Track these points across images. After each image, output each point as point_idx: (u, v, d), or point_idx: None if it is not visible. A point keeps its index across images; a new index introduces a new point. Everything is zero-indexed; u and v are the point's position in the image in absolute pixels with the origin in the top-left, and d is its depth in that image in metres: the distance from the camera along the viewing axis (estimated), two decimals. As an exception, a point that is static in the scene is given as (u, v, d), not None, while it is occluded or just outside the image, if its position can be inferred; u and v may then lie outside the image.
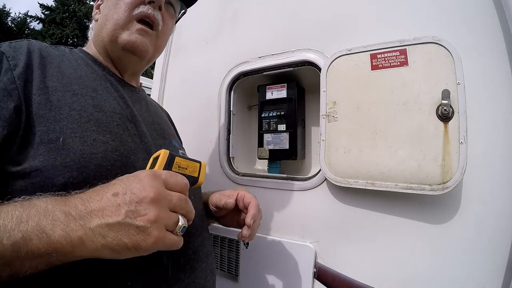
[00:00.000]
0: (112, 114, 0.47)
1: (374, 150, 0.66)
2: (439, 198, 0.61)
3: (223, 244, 0.92)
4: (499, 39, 0.59)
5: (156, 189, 0.34)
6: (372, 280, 0.68)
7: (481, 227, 0.59)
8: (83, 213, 0.32)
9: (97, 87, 0.50)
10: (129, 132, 0.49)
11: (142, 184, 0.34)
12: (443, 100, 0.59)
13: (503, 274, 0.56)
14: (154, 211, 0.33)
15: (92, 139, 0.42)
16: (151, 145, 0.52)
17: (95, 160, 0.41)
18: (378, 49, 0.67)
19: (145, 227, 0.32)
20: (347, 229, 0.72)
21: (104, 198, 0.33)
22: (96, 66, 0.54)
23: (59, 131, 0.40)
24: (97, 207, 0.33)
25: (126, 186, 0.34)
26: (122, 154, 0.45)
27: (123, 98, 0.53)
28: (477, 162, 0.59)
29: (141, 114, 0.56)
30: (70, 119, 0.42)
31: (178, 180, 0.38)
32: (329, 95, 0.73)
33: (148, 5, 0.54)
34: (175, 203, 0.36)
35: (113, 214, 0.32)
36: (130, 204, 0.33)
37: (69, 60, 0.50)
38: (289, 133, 0.88)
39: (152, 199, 0.34)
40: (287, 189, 0.82)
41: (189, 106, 1.07)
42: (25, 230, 0.30)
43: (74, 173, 0.38)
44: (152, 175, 0.36)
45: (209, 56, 1.03)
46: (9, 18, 14.76)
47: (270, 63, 0.87)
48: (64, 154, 0.39)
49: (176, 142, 0.65)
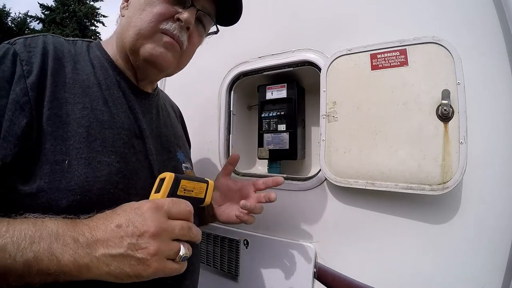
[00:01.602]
0: (119, 131, 0.47)
1: (374, 150, 0.66)
2: (439, 198, 0.61)
3: (223, 244, 0.92)
4: (499, 39, 0.59)
5: (157, 223, 0.36)
6: (372, 280, 0.68)
7: (481, 227, 0.59)
8: (90, 241, 0.34)
9: (108, 97, 0.49)
10: (134, 149, 0.49)
11: (144, 217, 0.36)
12: (443, 100, 0.59)
13: (503, 274, 0.56)
14: (154, 244, 0.35)
15: (97, 161, 0.43)
16: (155, 162, 0.52)
17: (99, 183, 0.42)
18: (378, 49, 0.67)
19: (145, 259, 0.35)
20: (347, 229, 0.72)
21: (108, 228, 0.36)
22: (112, 69, 0.52)
23: (65, 152, 0.40)
24: (102, 237, 0.35)
25: (129, 219, 0.36)
26: (125, 176, 0.46)
27: (133, 110, 0.52)
28: (477, 162, 0.59)
29: (150, 127, 0.55)
30: (77, 138, 0.42)
31: (181, 208, 0.40)
32: (329, 95, 0.73)
33: (176, 22, 0.50)
34: (177, 233, 0.38)
35: (116, 246, 0.35)
36: (132, 237, 0.35)
37: (85, 62, 0.49)
38: (289, 133, 0.88)
39: (153, 233, 0.36)
40: (287, 189, 0.82)
41: (189, 106, 1.07)
42: (37, 251, 0.32)
43: (77, 197, 0.40)
44: (155, 207, 0.38)
45: (209, 56, 1.03)
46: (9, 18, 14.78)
47: (270, 63, 0.87)
48: (68, 178, 0.40)
49: (182, 153, 0.64)
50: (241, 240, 0.88)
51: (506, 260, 0.56)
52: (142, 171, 0.49)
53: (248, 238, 0.87)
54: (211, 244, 0.95)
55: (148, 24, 0.49)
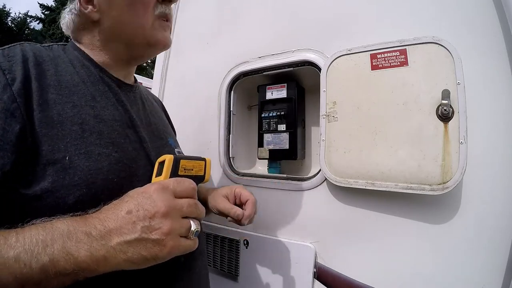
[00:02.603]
0: (112, 123, 0.48)
1: (374, 150, 0.66)
2: (439, 198, 0.61)
3: (223, 244, 0.92)
4: (499, 39, 0.59)
5: (166, 202, 0.37)
6: (372, 280, 0.68)
7: (481, 227, 0.59)
8: (103, 232, 0.35)
9: (95, 93, 0.49)
10: (129, 139, 0.50)
11: (153, 199, 0.37)
12: (443, 100, 0.59)
13: (503, 274, 0.56)
14: (167, 223, 0.36)
15: (97, 154, 0.43)
16: (150, 150, 0.53)
17: (102, 174, 0.42)
18: (378, 49, 0.67)
19: (161, 239, 0.35)
20: (347, 229, 0.72)
21: (119, 216, 0.36)
22: (93, 67, 0.53)
23: (64, 149, 0.40)
24: (114, 226, 0.35)
25: (138, 203, 0.37)
26: (125, 164, 0.46)
27: (121, 102, 0.53)
28: (477, 162, 0.59)
29: (139, 117, 0.56)
30: (73, 135, 0.42)
31: (186, 186, 0.41)
32: (329, 95, 0.73)
33: (162, 3, 0.54)
34: (186, 210, 0.39)
35: (130, 232, 0.35)
36: (144, 220, 0.35)
37: (65, 63, 0.49)
38: (289, 133, 0.88)
39: (164, 213, 0.36)
40: (287, 189, 0.82)
41: (189, 106, 1.07)
42: (51, 253, 0.32)
43: (83, 191, 0.40)
44: (161, 188, 0.38)
45: (209, 56, 1.03)
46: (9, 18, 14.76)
47: (270, 63, 0.87)
48: (71, 173, 0.40)
49: (172, 139, 0.66)
50: (241, 240, 0.88)
51: (506, 260, 0.56)
52: (140, 158, 0.50)
53: (248, 238, 0.87)
54: (211, 244, 0.95)
55: (147, 16, 0.52)
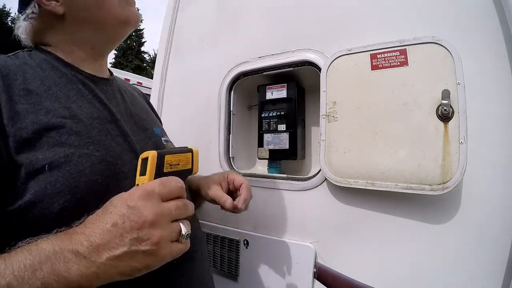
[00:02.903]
0: (90, 121, 0.46)
1: (374, 150, 0.66)
2: (439, 198, 0.61)
3: (223, 244, 0.92)
4: (499, 39, 0.59)
5: (152, 210, 0.35)
6: (372, 280, 0.68)
7: (481, 227, 0.59)
8: (90, 249, 0.33)
9: (69, 93, 0.47)
10: (111, 135, 0.48)
11: (138, 208, 0.35)
12: (443, 100, 0.59)
13: (503, 274, 0.56)
14: (156, 233, 0.35)
15: (77, 156, 0.41)
16: (135, 143, 0.51)
17: (84, 176, 0.41)
18: (378, 49, 0.67)
19: (151, 250, 0.34)
20: (347, 229, 0.72)
21: (105, 230, 0.34)
22: (63, 67, 0.50)
23: (42, 158, 0.39)
24: (101, 241, 0.34)
25: (123, 214, 0.35)
26: (109, 162, 0.45)
27: (98, 98, 0.51)
28: (477, 162, 0.59)
29: (119, 110, 0.54)
30: (50, 142, 0.40)
31: (172, 187, 0.38)
32: (329, 95, 0.73)
33: None
34: (174, 214, 0.37)
35: (118, 246, 0.33)
36: (131, 232, 0.34)
37: (33, 69, 0.47)
38: (289, 133, 0.88)
39: (152, 222, 0.35)
40: (287, 189, 0.82)
41: (189, 106, 1.07)
42: (42, 277, 0.31)
43: (67, 197, 0.39)
44: (145, 194, 0.36)
45: (209, 56, 1.03)
46: (9, 18, 14.76)
47: (270, 63, 0.87)
48: (53, 181, 0.38)
49: (158, 128, 0.64)
50: (241, 240, 0.88)
51: (506, 260, 0.56)
52: (125, 154, 0.48)
53: (248, 238, 0.87)
54: (211, 244, 0.95)
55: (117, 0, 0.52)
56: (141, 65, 23.81)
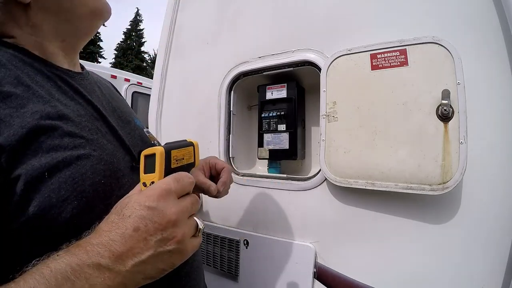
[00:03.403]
0: (79, 120, 0.43)
1: (374, 150, 0.66)
2: (439, 198, 0.61)
3: (223, 244, 0.92)
4: (499, 39, 0.59)
5: (174, 209, 0.35)
6: (372, 280, 0.68)
7: (481, 227, 0.59)
8: (112, 259, 0.31)
9: (51, 90, 0.43)
10: (101, 132, 0.46)
11: (160, 209, 0.34)
12: (443, 100, 0.59)
13: (503, 274, 0.56)
14: (179, 231, 0.35)
15: (75, 158, 0.39)
16: (124, 137, 0.50)
17: (88, 179, 0.39)
18: (378, 49, 0.67)
19: (176, 248, 0.34)
20: (347, 229, 0.72)
21: (126, 236, 0.32)
22: (36, 62, 0.46)
23: (39, 165, 0.35)
24: (124, 248, 0.32)
25: (144, 217, 0.33)
26: (107, 161, 0.43)
27: (80, 94, 0.48)
28: (477, 162, 0.59)
29: (102, 105, 0.51)
30: (44, 147, 0.37)
31: (185, 183, 0.38)
32: (329, 95, 0.73)
33: None
34: (191, 210, 0.38)
35: (143, 250, 0.32)
36: (156, 234, 0.33)
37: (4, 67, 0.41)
38: (289, 133, 0.88)
39: (175, 221, 0.34)
40: (287, 189, 0.82)
41: (189, 106, 1.07)
42: None
43: (75, 203, 0.37)
44: (165, 193, 0.35)
45: (209, 56, 1.03)
46: (9, 18, 14.71)
47: (270, 63, 0.87)
48: (56, 189, 0.36)
49: (137, 120, 0.62)
50: (241, 240, 0.88)
51: (506, 260, 0.56)
52: (118, 150, 0.47)
53: (248, 238, 0.87)
54: (211, 244, 0.95)
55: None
56: (141, 65, 23.82)
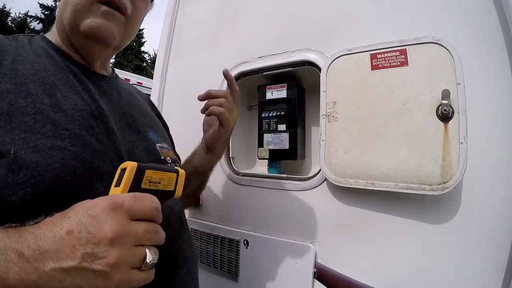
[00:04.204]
0: (73, 113, 0.42)
1: (374, 150, 0.66)
2: (439, 198, 0.61)
3: (223, 244, 0.92)
4: (499, 39, 0.59)
5: (116, 226, 0.30)
6: (372, 280, 0.68)
7: (481, 227, 0.59)
8: (36, 254, 0.29)
9: (57, 81, 0.44)
10: (93, 130, 0.44)
11: (99, 220, 0.30)
12: (443, 100, 0.59)
13: (503, 274, 0.56)
14: (114, 253, 0.30)
15: (48, 147, 0.37)
16: (120, 143, 0.47)
17: (51, 171, 0.36)
18: (378, 49, 0.67)
19: (105, 271, 0.29)
20: (347, 229, 0.72)
21: (57, 236, 0.29)
22: (58, 56, 0.48)
23: (10, 142, 0.35)
24: (50, 247, 0.29)
25: (81, 223, 0.30)
26: (85, 159, 0.40)
27: (88, 91, 0.47)
28: (477, 162, 0.59)
29: (111, 107, 0.50)
30: (23, 127, 0.36)
31: (145, 205, 0.33)
32: (329, 95, 0.73)
33: None
34: (141, 238, 0.32)
35: (68, 257, 0.29)
36: (86, 246, 0.29)
37: (27, 53, 0.45)
38: (289, 133, 0.88)
39: (112, 239, 0.30)
40: (287, 189, 0.82)
41: (189, 106, 1.07)
42: None
43: (28, 190, 0.34)
44: (112, 206, 0.31)
45: (209, 56, 1.03)
46: (9, 18, 14.76)
47: (270, 63, 0.87)
48: (16, 170, 0.34)
49: (155, 133, 0.59)
50: (241, 240, 0.88)
51: (506, 260, 0.56)
52: (106, 153, 0.44)
53: (248, 238, 0.87)
54: (211, 244, 0.95)
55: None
56: (141, 65, 23.78)
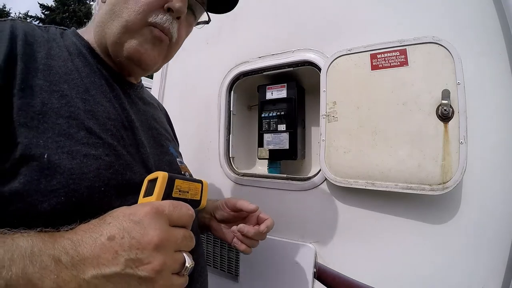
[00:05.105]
0: (106, 121, 0.42)
1: (374, 150, 0.66)
2: (439, 198, 0.61)
3: (223, 244, 0.92)
4: (499, 39, 0.59)
5: (160, 232, 0.30)
6: (372, 280, 0.68)
7: (481, 227, 0.59)
8: (75, 260, 0.28)
9: (90, 85, 0.43)
10: (124, 142, 0.43)
11: (143, 225, 0.30)
12: (443, 100, 0.59)
13: (503, 274, 0.56)
14: (159, 258, 0.30)
15: (83, 155, 0.36)
16: (149, 156, 0.47)
17: (86, 181, 0.35)
18: (378, 49, 0.67)
19: (149, 277, 0.29)
20: (347, 229, 0.72)
21: (98, 242, 0.29)
22: (91, 57, 0.46)
23: (43, 145, 0.33)
24: (90, 254, 0.28)
25: (123, 228, 0.30)
26: (117, 171, 0.40)
27: (119, 99, 0.47)
28: (477, 162, 0.59)
29: (139, 118, 0.50)
30: (57, 130, 0.35)
31: (183, 212, 0.34)
32: (329, 95, 0.73)
33: (167, 13, 0.45)
34: (181, 244, 0.33)
35: (110, 264, 0.28)
36: (130, 251, 0.29)
37: (59, 48, 0.42)
38: (289, 133, 0.88)
39: (157, 245, 0.30)
40: (287, 189, 0.82)
41: (189, 106, 1.07)
42: (8, 278, 0.25)
43: (61, 199, 0.33)
44: (155, 212, 0.31)
45: (209, 56, 1.03)
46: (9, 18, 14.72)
47: (270, 63, 0.87)
48: (49, 175, 0.33)
49: (173, 148, 0.59)
50: (241, 240, 0.88)
51: (506, 260, 0.56)
52: (136, 165, 0.43)
53: (248, 238, 0.87)
54: (211, 244, 0.95)
55: (136, 16, 0.44)
56: (141, 65, 23.73)
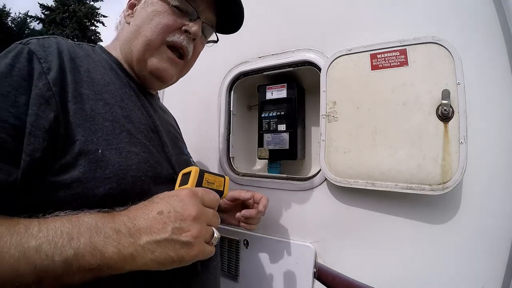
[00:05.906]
0: (139, 125, 0.49)
1: (374, 150, 0.66)
2: (439, 198, 0.61)
3: (223, 244, 0.92)
4: (499, 39, 0.59)
5: (197, 207, 0.39)
6: (372, 280, 0.68)
7: (481, 227, 0.59)
8: (132, 230, 0.35)
9: (123, 96, 0.50)
10: (153, 142, 0.51)
11: (185, 202, 0.38)
12: (443, 100, 0.59)
13: (503, 274, 0.56)
14: (196, 227, 0.38)
15: (127, 151, 0.44)
16: (172, 155, 0.55)
17: (131, 171, 0.43)
18: (378, 49, 0.67)
19: (189, 242, 0.37)
20: (347, 229, 0.72)
21: (150, 216, 0.37)
22: (120, 71, 0.54)
23: (96, 142, 0.41)
24: (144, 225, 0.36)
25: (170, 205, 0.38)
26: (152, 165, 0.48)
27: (145, 107, 0.54)
28: (477, 162, 0.59)
29: (160, 124, 0.57)
30: (105, 130, 0.43)
31: (211, 197, 0.43)
32: (329, 95, 0.73)
33: (184, 34, 0.54)
34: (211, 219, 0.41)
35: (160, 232, 0.36)
36: (175, 222, 0.37)
37: (95, 63, 0.50)
38: (289, 133, 0.88)
39: (195, 217, 0.38)
40: (287, 189, 0.82)
41: (189, 105, 1.07)
42: (77, 247, 0.32)
43: (113, 185, 0.41)
44: (192, 193, 0.40)
45: (209, 56, 1.03)
46: (9, 18, 14.77)
47: (270, 63, 0.87)
48: (103, 166, 0.40)
49: (186, 150, 0.68)
50: (241, 240, 0.88)
51: (506, 260, 0.56)
52: (163, 162, 0.51)
53: (248, 238, 0.87)
54: (211, 244, 0.95)
55: (157, 35, 0.52)
56: (141, 65, 23.73)
